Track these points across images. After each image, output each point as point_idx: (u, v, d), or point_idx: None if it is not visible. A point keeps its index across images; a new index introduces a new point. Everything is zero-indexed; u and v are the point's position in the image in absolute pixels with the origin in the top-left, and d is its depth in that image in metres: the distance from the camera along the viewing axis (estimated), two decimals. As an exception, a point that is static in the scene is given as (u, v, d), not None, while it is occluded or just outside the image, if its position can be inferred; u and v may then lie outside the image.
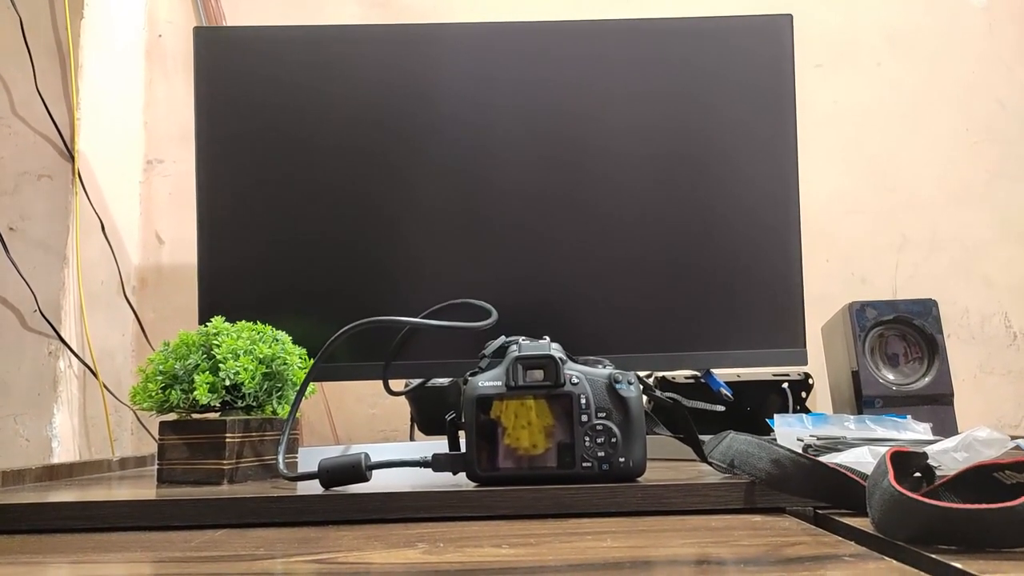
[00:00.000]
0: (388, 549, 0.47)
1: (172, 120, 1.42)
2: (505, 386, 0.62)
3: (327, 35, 0.99)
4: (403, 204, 0.96)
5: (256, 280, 0.95)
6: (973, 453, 0.61)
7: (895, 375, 1.03)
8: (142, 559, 0.47)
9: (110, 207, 1.29)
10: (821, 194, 1.40)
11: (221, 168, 0.96)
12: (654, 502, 0.57)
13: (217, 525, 0.57)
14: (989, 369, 1.42)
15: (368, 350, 0.92)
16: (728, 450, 0.60)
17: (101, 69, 1.28)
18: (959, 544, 0.41)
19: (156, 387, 0.75)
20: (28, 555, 0.49)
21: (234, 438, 0.72)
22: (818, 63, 1.47)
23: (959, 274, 1.44)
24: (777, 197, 0.98)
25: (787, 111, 0.98)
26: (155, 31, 1.45)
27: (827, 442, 0.72)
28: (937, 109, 1.48)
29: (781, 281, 0.97)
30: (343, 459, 0.63)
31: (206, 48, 0.97)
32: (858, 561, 0.41)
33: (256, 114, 0.96)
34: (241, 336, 0.76)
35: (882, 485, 0.44)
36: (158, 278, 1.38)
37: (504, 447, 0.61)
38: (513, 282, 0.95)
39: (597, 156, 0.97)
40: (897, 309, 1.04)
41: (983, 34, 1.50)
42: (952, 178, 1.46)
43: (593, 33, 0.99)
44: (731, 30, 0.99)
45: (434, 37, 0.99)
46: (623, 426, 0.61)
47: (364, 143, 0.96)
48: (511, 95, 0.98)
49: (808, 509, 0.57)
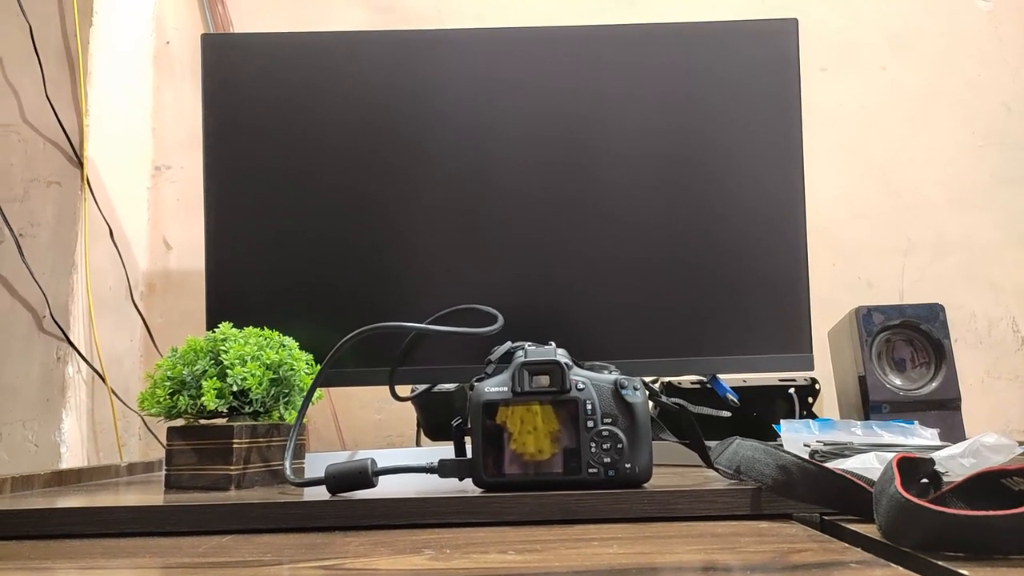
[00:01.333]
0: (394, 555, 0.47)
1: (180, 126, 1.43)
2: (511, 392, 0.62)
3: (333, 41, 0.99)
4: (409, 210, 0.96)
5: (263, 286, 0.95)
6: (980, 459, 0.61)
7: (902, 380, 1.02)
8: (150, 565, 0.48)
9: (118, 213, 1.29)
10: (827, 198, 1.40)
11: (229, 174, 0.96)
12: (660, 508, 0.57)
13: (224, 531, 0.57)
14: (996, 374, 1.41)
15: (374, 356, 0.92)
16: (734, 456, 0.60)
17: (110, 76, 1.29)
18: (967, 551, 0.41)
19: (164, 393, 0.75)
20: (37, 560, 0.49)
21: (241, 444, 0.73)
22: (823, 66, 1.47)
23: (965, 278, 1.43)
24: (783, 201, 0.98)
25: (793, 115, 0.98)
26: (163, 38, 1.45)
27: (834, 448, 0.72)
28: (942, 112, 1.47)
29: (787, 286, 0.96)
30: (349, 465, 0.63)
31: (213, 55, 0.98)
32: (865, 568, 0.41)
33: (264, 120, 0.97)
34: (248, 342, 0.76)
35: (889, 491, 0.44)
36: (166, 284, 1.39)
37: (510, 453, 0.61)
38: (519, 287, 0.95)
39: (603, 161, 0.97)
40: (904, 314, 1.03)
41: (988, 37, 1.50)
42: (957, 181, 1.46)
43: (598, 39, 0.99)
44: (736, 35, 1.00)
45: (439, 43, 0.99)
46: (629, 432, 0.61)
47: (370, 149, 0.97)
48: (517, 100, 0.98)
49: (815, 515, 0.57)
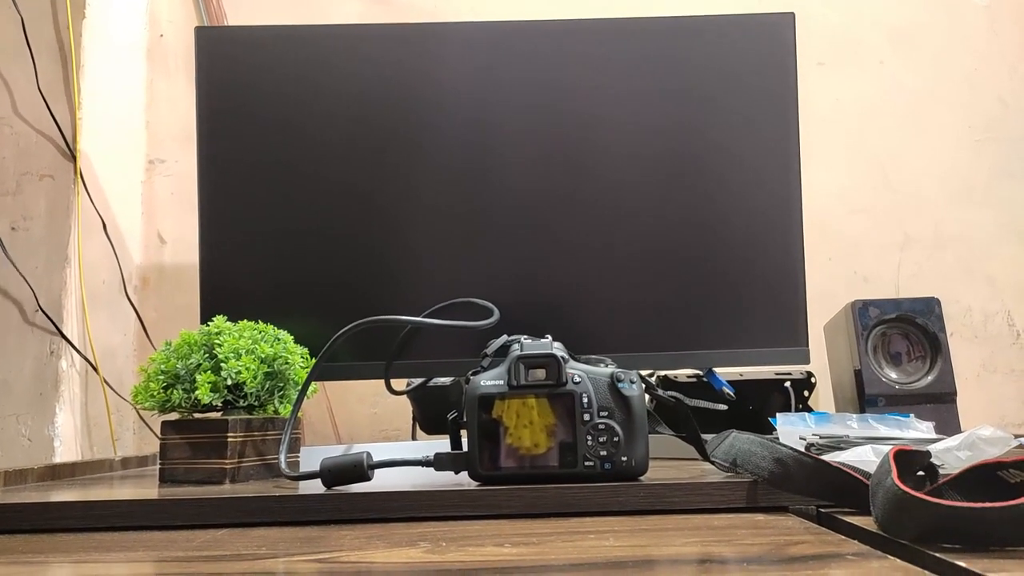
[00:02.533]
0: (390, 548, 0.47)
1: (174, 120, 1.42)
2: (507, 385, 0.62)
3: (329, 34, 0.99)
4: (405, 203, 0.96)
5: (258, 279, 0.95)
6: (977, 452, 0.61)
7: (898, 374, 1.03)
8: (144, 559, 0.47)
9: (112, 206, 1.29)
10: (823, 192, 1.40)
11: (223, 167, 0.96)
12: (657, 501, 0.57)
13: (219, 524, 0.57)
14: (992, 368, 1.41)
15: (370, 349, 0.92)
16: (731, 449, 0.60)
17: (103, 69, 1.28)
18: (963, 543, 0.41)
19: (158, 386, 0.75)
20: (30, 555, 0.49)
21: (236, 437, 0.72)
22: (820, 61, 1.47)
23: (962, 272, 1.43)
24: (779, 195, 0.97)
25: (789, 109, 0.98)
26: (156, 31, 1.45)
27: (830, 441, 0.72)
28: (940, 107, 1.47)
29: (783, 280, 0.96)
30: (345, 458, 0.63)
31: (208, 48, 0.97)
32: (861, 560, 0.41)
33: (258, 113, 0.96)
34: (243, 335, 0.76)
35: (886, 484, 0.44)
36: (160, 277, 1.38)
37: (506, 446, 0.61)
38: (515, 281, 0.95)
39: (599, 154, 0.97)
40: (900, 308, 1.03)
41: (985, 32, 1.50)
42: (955, 176, 1.46)
43: (595, 32, 0.99)
44: (733, 28, 0.99)
45: (436, 36, 0.99)
46: (625, 425, 0.61)
47: (366, 142, 0.96)
48: (513, 94, 0.97)
49: (811, 508, 0.57)
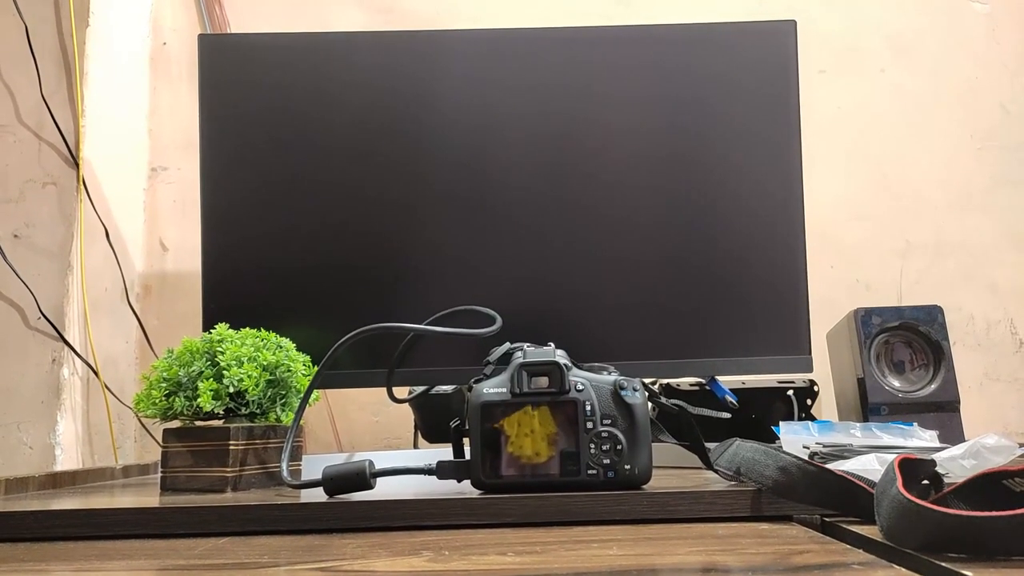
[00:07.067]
0: (392, 557, 0.47)
1: (177, 127, 1.42)
2: (510, 393, 0.61)
3: (331, 42, 0.99)
4: (406, 211, 0.96)
5: (260, 287, 0.95)
6: (981, 460, 0.61)
7: (901, 382, 1.02)
8: (146, 567, 0.47)
9: (114, 214, 1.29)
10: (825, 200, 1.40)
11: (225, 175, 0.96)
12: (660, 510, 0.57)
13: (221, 533, 0.56)
14: (995, 376, 1.41)
15: (372, 357, 0.91)
16: (734, 457, 0.60)
17: (106, 77, 1.29)
18: (968, 552, 0.41)
19: (160, 394, 0.75)
20: (32, 563, 0.49)
21: (238, 446, 0.72)
22: (821, 69, 1.47)
23: (964, 280, 1.43)
24: (781, 203, 0.97)
25: (791, 117, 0.98)
26: (160, 39, 1.45)
27: (833, 449, 0.71)
28: (941, 114, 1.48)
29: (786, 287, 0.96)
30: (347, 466, 0.62)
31: (210, 56, 0.98)
32: (867, 569, 0.41)
33: (260, 121, 0.97)
34: (245, 343, 0.76)
35: (891, 492, 0.44)
36: (162, 285, 1.38)
37: (509, 454, 0.61)
38: (517, 288, 0.95)
39: (601, 162, 0.97)
40: (902, 316, 1.03)
41: (986, 39, 1.50)
42: (956, 183, 1.46)
43: (597, 40, 0.99)
44: (735, 36, 0.99)
45: (438, 43, 0.99)
46: (628, 433, 0.61)
47: (368, 150, 0.96)
48: (515, 102, 0.98)
49: (815, 517, 0.56)
